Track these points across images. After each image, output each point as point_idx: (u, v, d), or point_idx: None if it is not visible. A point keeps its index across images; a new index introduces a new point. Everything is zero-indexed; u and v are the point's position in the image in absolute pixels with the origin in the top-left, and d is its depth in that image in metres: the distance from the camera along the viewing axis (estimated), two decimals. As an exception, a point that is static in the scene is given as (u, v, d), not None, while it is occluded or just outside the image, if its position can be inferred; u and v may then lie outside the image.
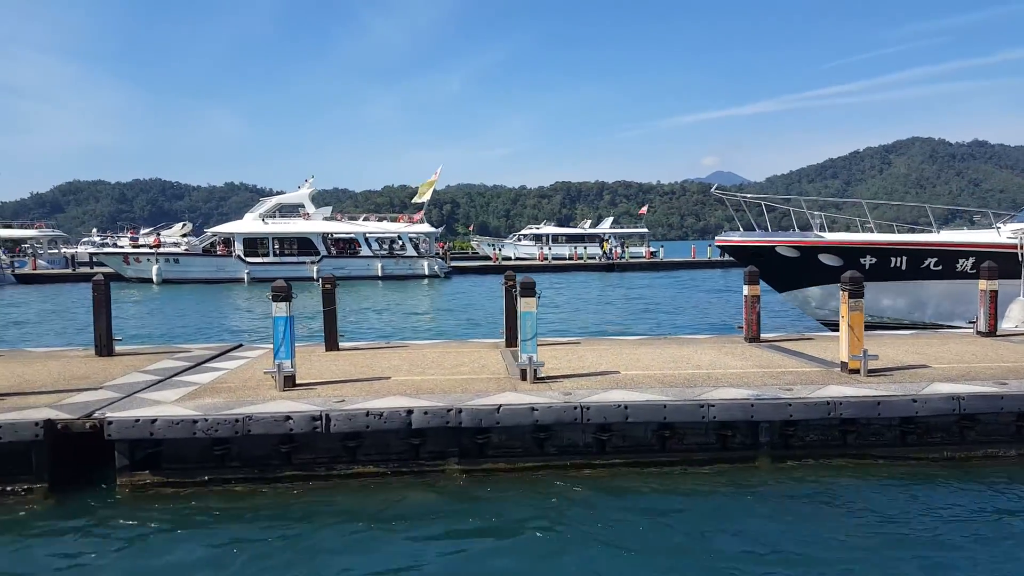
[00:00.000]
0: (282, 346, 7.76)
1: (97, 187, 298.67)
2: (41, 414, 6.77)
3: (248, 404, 7.07)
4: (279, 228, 40.40)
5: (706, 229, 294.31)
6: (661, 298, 29.39)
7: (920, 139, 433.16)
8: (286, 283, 7.86)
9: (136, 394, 7.62)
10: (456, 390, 7.57)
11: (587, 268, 46.71)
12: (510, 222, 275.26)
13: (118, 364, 9.51)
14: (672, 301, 28.04)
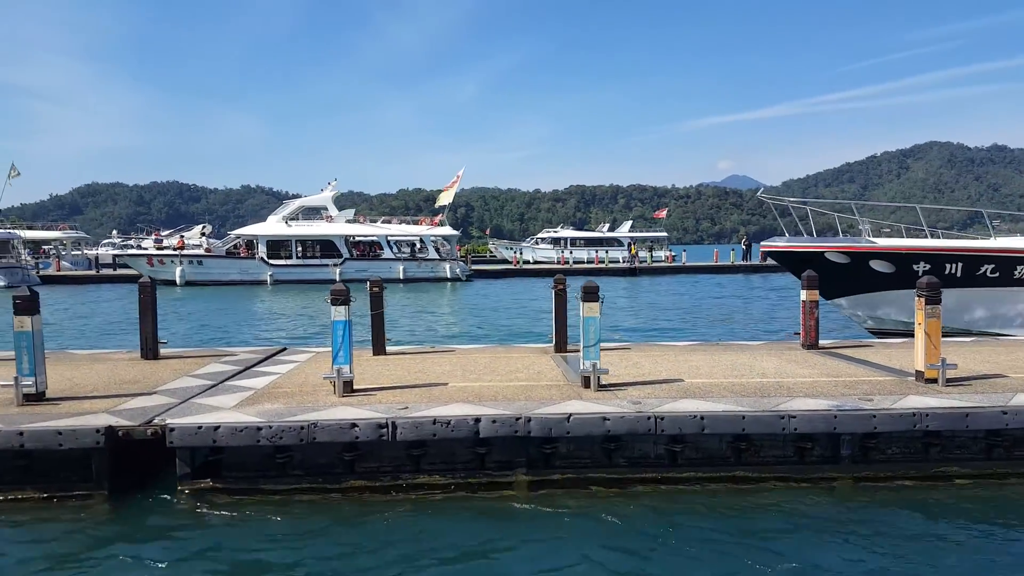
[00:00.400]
0: (340, 351, 7.57)
1: (115, 189, 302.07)
2: (100, 420, 6.61)
3: (310, 411, 6.87)
4: (302, 230, 40.43)
5: (721, 233, 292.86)
6: (693, 302, 29.00)
7: (938, 143, 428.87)
8: (345, 287, 7.67)
9: (192, 399, 7.45)
10: (518, 398, 7.34)
11: (609, 272, 46.36)
12: (524, 225, 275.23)
13: (166, 368, 9.36)
14: (707, 305, 27.65)
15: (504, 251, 69.26)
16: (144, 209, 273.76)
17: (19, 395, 7.24)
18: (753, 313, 24.83)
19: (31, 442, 6.30)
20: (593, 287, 7.66)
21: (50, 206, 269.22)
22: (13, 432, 6.30)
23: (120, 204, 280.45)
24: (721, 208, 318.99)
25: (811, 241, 14.90)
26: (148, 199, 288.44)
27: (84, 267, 49.77)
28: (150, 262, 38.86)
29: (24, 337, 7.30)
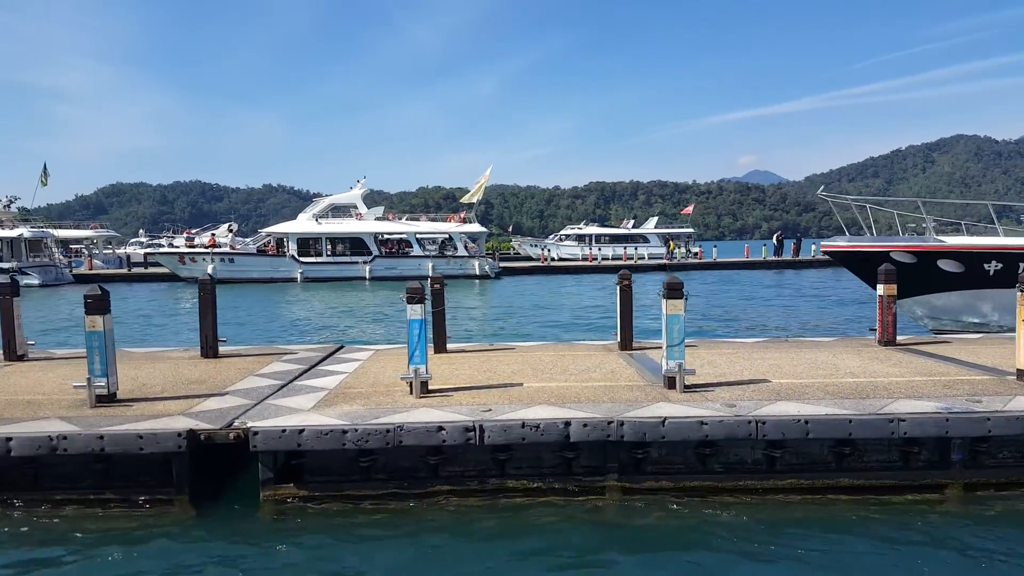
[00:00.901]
0: (416, 350, 7.33)
1: (139, 189, 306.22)
2: (180, 423, 6.43)
3: (391, 412, 6.64)
4: (332, 228, 40.44)
5: (744, 229, 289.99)
6: (741, 300, 28.48)
7: (965, 136, 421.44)
8: (419, 286, 7.43)
9: (266, 400, 7.26)
10: (602, 399, 7.04)
11: (641, 268, 45.86)
12: (543, 222, 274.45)
13: (229, 367, 9.20)
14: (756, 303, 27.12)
15: (528, 248, 68.93)
16: (168, 208, 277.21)
17: (92, 396, 7.10)
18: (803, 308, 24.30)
19: (111, 446, 6.13)
20: (677, 283, 7.34)
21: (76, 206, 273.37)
22: (93, 435, 6.14)
23: (144, 204, 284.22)
24: (743, 204, 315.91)
25: (876, 241, 14.40)
26: (171, 199, 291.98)
27: (115, 265, 50.29)
28: (182, 260, 39.09)
29: (96, 337, 7.15)
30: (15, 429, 6.26)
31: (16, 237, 40.78)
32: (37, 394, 7.71)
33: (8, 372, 9.04)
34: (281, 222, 43.72)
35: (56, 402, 7.31)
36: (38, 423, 6.47)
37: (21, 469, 6.31)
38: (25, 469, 6.31)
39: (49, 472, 6.38)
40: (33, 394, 7.71)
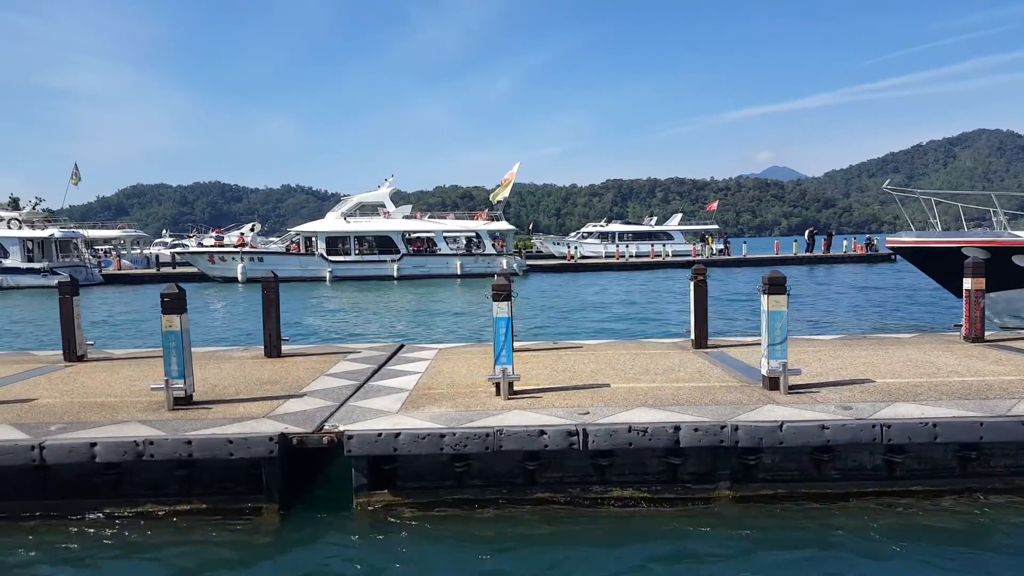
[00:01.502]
0: (503, 350, 7.00)
1: (159, 190, 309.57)
2: (269, 427, 6.15)
3: (484, 415, 6.32)
4: (360, 227, 40.31)
5: (763, 225, 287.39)
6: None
7: (987, 131, 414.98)
8: (508, 280, 7.10)
9: (348, 402, 6.97)
10: (701, 401, 6.68)
11: (671, 265, 45.34)
12: (560, 220, 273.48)
13: (296, 366, 8.93)
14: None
15: (551, 246, 68.48)
16: (188, 209, 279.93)
17: (170, 399, 6.85)
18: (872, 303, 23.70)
19: (200, 451, 5.87)
20: (780, 278, 6.95)
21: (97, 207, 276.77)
22: (181, 440, 5.87)
23: (165, 204, 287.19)
24: (762, 200, 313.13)
25: (946, 236, 13.83)
26: (191, 199, 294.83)
27: (143, 265, 50.58)
28: (211, 259, 39.16)
29: (173, 337, 6.90)
30: (98, 434, 6.02)
31: (47, 237, 41.05)
32: (108, 396, 7.48)
33: (72, 373, 8.85)
34: (300, 222, 43.72)
35: (130, 404, 7.08)
36: (119, 427, 6.22)
37: (103, 475, 6.06)
38: (107, 475, 6.07)
39: (131, 478, 6.13)
40: (104, 396, 7.48)
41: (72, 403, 7.15)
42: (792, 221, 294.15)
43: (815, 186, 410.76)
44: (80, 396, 7.47)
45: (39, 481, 6.12)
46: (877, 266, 45.05)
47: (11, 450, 5.80)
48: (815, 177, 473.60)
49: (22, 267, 39.89)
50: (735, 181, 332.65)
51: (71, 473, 6.06)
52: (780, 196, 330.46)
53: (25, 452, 5.80)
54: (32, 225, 42.11)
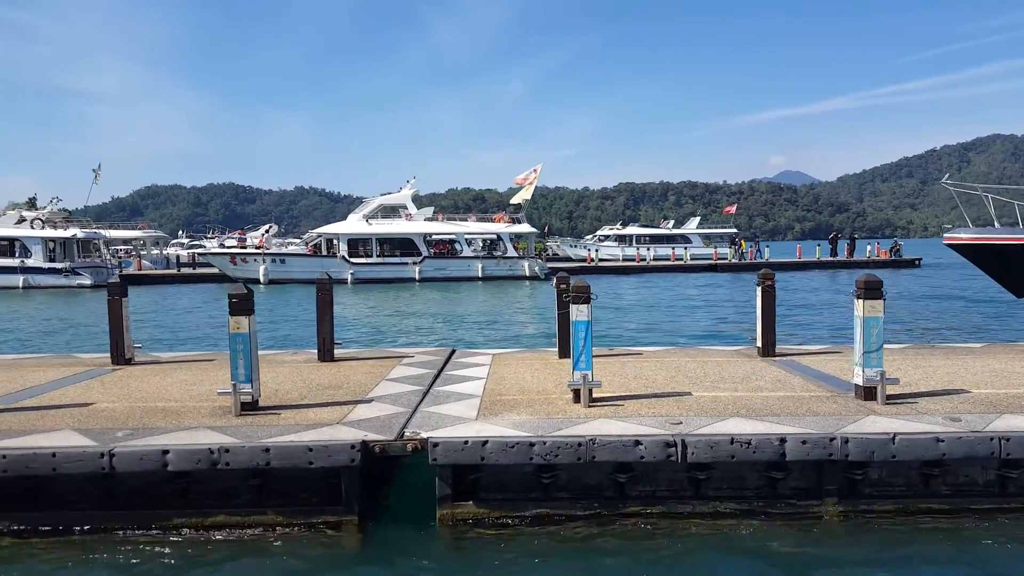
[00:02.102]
0: (582, 355, 6.68)
1: (174, 191, 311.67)
2: (344, 433, 5.86)
3: (570, 423, 6.00)
4: (382, 229, 40.12)
5: (776, 229, 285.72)
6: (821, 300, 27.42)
7: (1002, 136, 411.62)
8: (585, 284, 6.78)
9: (421, 408, 6.67)
10: (796, 412, 6.33)
11: (692, 269, 44.90)
12: (572, 223, 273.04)
13: (354, 370, 8.65)
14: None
15: (568, 249, 68.14)
16: (202, 210, 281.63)
17: (237, 404, 6.58)
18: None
19: (278, 459, 5.58)
20: (876, 282, 6.60)
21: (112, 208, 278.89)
22: (258, 448, 5.59)
23: (179, 205, 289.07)
24: (775, 204, 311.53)
25: (1010, 232, 13.38)
26: (205, 200, 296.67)
27: (162, 266, 50.67)
28: (233, 260, 39.09)
29: (240, 340, 6.63)
30: (168, 440, 5.75)
31: (69, 238, 41.15)
32: (168, 400, 7.22)
33: (123, 377, 8.60)
34: (313, 223, 43.60)
35: (193, 409, 6.81)
36: (189, 433, 5.95)
37: (173, 484, 5.79)
38: (176, 484, 5.79)
39: (201, 488, 5.85)
40: (164, 400, 7.22)
41: (133, 408, 6.89)
42: (805, 225, 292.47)
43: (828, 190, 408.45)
44: (139, 400, 7.22)
45: (104, 490, 5.85)
46: (902, 271, 44.41)
47: (79, 457, 5.54)
48: (828, 181, 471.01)
49: (44, 267, 40.00)
50: (748, 185, 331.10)
51: (139, 481, 5.79)
52: (793, 200, 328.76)
53: (94, 459, 5.54)
54: (54, 225, 42.23)
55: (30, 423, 6.33)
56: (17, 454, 5.52)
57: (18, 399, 7.37)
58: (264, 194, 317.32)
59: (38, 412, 6.74)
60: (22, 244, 40.43)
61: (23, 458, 5.51)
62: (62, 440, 5.78)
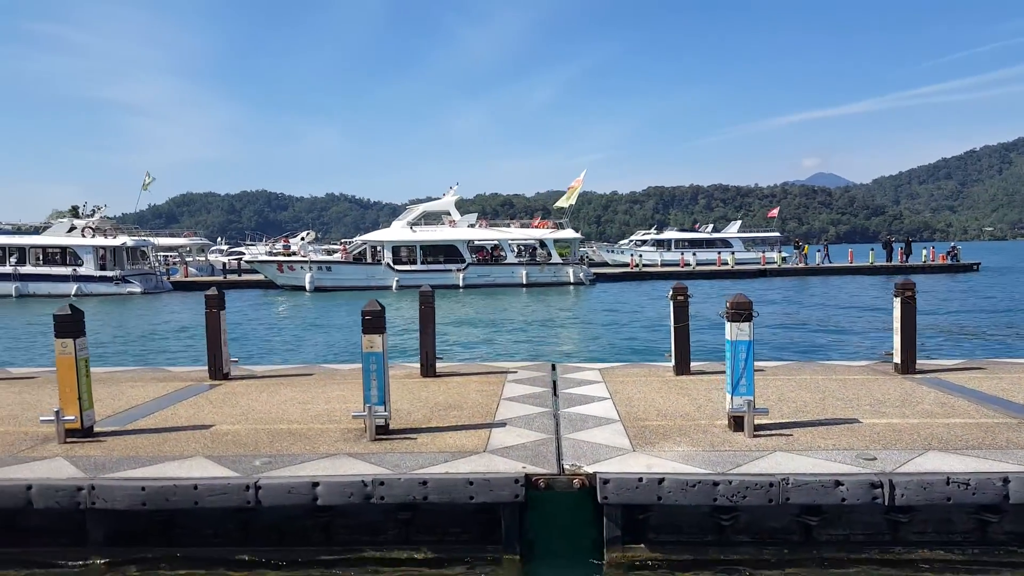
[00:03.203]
0: (743, 378, 6.10)
1: (208, 199, 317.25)
2: (498, 464, 5.36)
3: (745, 458, 5.42)
4: (426, 236, 39.86)
5: (810, 233, 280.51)
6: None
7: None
8: (747, 300, 6.20)
9: (565, 435, 6.15)
10: (995, 443, 5.67)
11: (740, 275, 43.83)
12: (600, 228, 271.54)
13: (464, 387, 8.17)
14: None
15: (604, 254, 67.37)
16: (235, 217, 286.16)
17: (372, 428, 6.13)
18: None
19: (436, 493, 5.10)
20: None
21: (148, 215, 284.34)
22: (415, 481, 5.12)
23: (213, 213, 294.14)
24: (809, 207, 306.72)
25: None
26: (239, 208, 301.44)
27: (207, 272, 51.08)
28: (280, 268, 39.12)
29: (374, 359, 6.18)
30: (314, 471, 5.31)
31: (119, 246, 41.59)
32: (290, 422, 6.80)
33: (228, 394, 8.23)
34: (343, 230, 43.57)
35: (321, 433, 6.38)
36: (331, 462, 5.50)
37: (316, 518, 5.35)
38: (320, 518, 5.35)
39: (345, 522, 5.41)
40: (286, 422, 6.81)
41: (256, 431, 6.48)
42: (840, 229, 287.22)
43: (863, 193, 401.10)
44: (259, 422, 6.81)
45: (240, 524, 5.43)
46: (960, 276, 42.87)
47: (223, 489, 5.12)
48: (863, 184, 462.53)
49: (95, 275, 40.44)
50: (780, 188, 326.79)
51: (279, 515, 5.36)
52: (827, 203, 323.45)
53: (238, 492, 5.11)
54: (104, 233, 42.75)
55: (155, 448, 5.95)
56: (157, 486, 5.12)
57: (131, 419, 7.03)
58: (296, 201, 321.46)
59: (159, 435, 6.37)
60: (73, 252, 40.97)
61: (163, 491, 5.11)
62: (198, 469, 5.38)
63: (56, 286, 40.01)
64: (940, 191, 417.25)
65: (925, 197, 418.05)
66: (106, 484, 5.14)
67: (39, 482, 5.17)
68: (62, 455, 5.79)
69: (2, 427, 6.78)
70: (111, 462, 5.59)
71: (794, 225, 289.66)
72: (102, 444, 6.12)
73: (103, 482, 5.16)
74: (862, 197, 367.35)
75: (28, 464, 5.57)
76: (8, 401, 7.96)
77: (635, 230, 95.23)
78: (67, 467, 5.47)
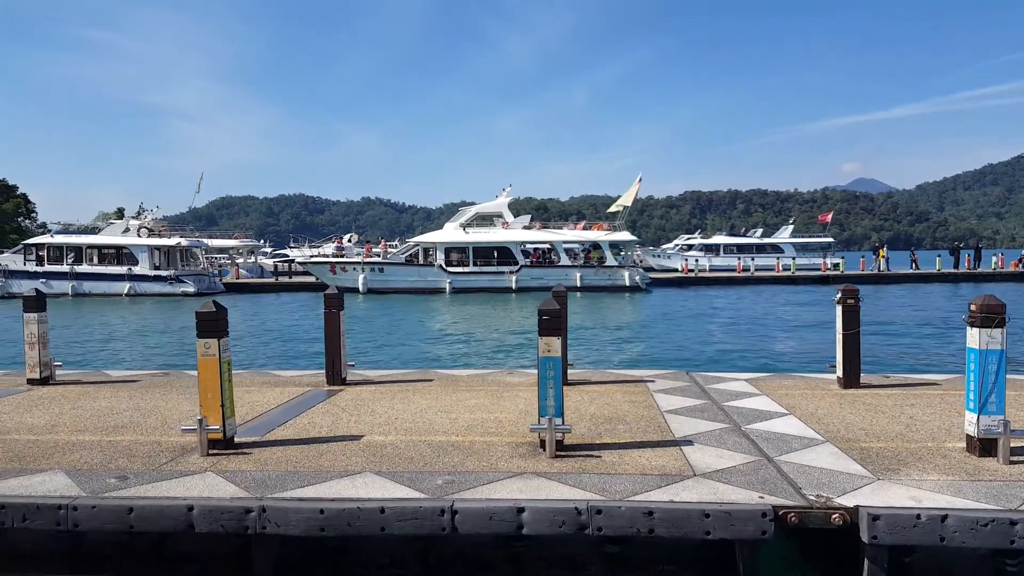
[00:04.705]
0: (992, 394, 5.19)
1: (247, 202, 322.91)
2: (724, 492, 4.54)
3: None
4: (479, 237, 39.24)
5: (851, 239, 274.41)
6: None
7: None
8: (999, 302, 5.29)
9: (774, 457, 5.30)
10: None
11: (803, 281, 42.32)
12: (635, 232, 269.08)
13: (607, 397, 7.37)
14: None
15: (651, 258, 66.08)
16: (273, 220, 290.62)
17: (552, 443, 5.36)
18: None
19: (664, 526, 4.30)
20: None
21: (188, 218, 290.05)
22: (639, 511, 4.33)
23: (252, 215, 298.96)
24: (850, 213, 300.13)
25: None
26: (277, 211, 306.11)
27: (256, 274, 51.26)
28: (332, 269, 38.86)
29: (552, 365, 5.43)
30: (511, 493, 4.55)
31: (173, 246, 41.85)
32: (447, 433, 6.08)
33: (356, 400, 7.56)
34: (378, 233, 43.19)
35: (489, 447, 5.64)
36: (519, 481, 4.75)
37: (509, 547, 4.60)
38: (514, 547, 4.60)
39: (540, 553, 4.65)
40: (442, 433, 6.08)
41: (414, 443, 5.77)
42: (883, 235, 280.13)
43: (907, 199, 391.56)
44: (409, 433, 6.10)
45: (421, 553, 4.72)
46: (1032, 284, 40.74)
47: (415, 513, 4.39)
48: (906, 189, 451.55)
49: (150, 275, 40.73)
50: (821, 193, 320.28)
51: (469, 544, 4.63)
52: (870, 209, 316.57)
53: (432, 517, 4.38)
54: (159, 234, 43.09)
55: (312, 462, 5.27)
56: (338, 509, 4.41)
57: (266, 428, 6.39)
58: (332, 204, 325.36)
59: (308, 448, 5.69)
60: (128, 252, 41.32)
61: (345, 514, 4.40)
62: (375, 488, 4.67)
63: (111, 285, 40.39)
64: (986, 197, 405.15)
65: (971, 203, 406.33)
66: (279, 506, 4.45)
67: (202, 503, 4.51)
68: (211, 470, 5.15)
69: (129, 436, 6.18)
70: (271, 479, 4.92)
71: (836, 231, 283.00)
72: (249, 457, 5.47)
73: (275, 503, 4.47)
74: (905, 203, 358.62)
75: (178, 480, 4.92)
76: (122, 407, 7.40)
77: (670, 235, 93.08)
78: (225, 484, 4.81)
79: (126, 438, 6.09)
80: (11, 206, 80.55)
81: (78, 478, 4.99)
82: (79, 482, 4.91)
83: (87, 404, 7.53)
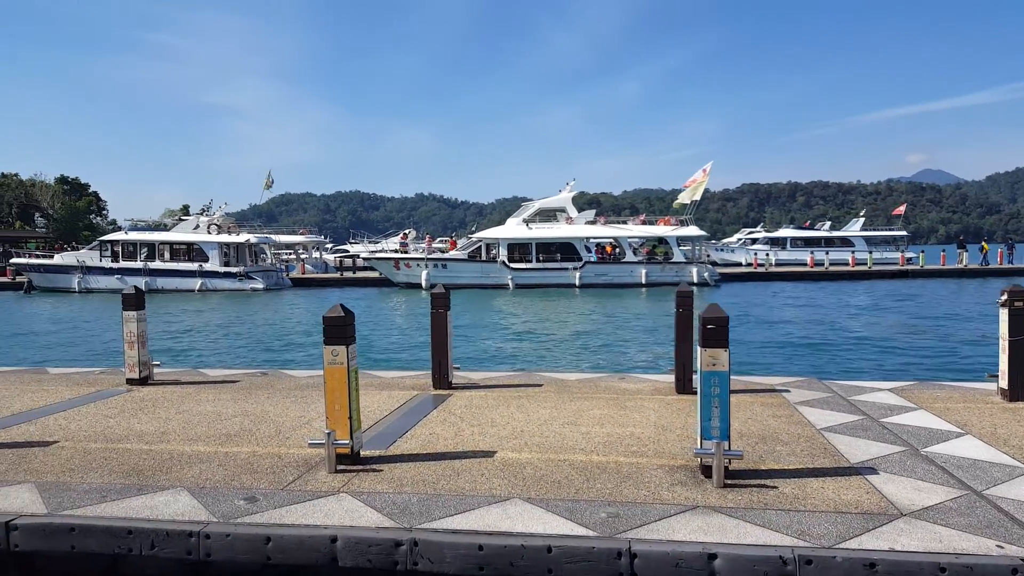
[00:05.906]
0: None
1: (305, 199, 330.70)
2: (947, 538, 3.82)
3: None
4: (542, 233, 38.67)
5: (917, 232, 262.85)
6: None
7: None
8: None
9: (989, 491, 4.54)
10: None
11: (879, 276, 40.28)
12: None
13: (743, 409, 6.68)
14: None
15: (714, 252, 64.21)
16: (330, 217, 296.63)
17: (719, 471, 4.72)
18: None
19: (886, 570, 3.63)
20: None
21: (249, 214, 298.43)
22: (857, 562, 3.66)
23: (310, 212, 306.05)
24: (916, 205, 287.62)
25: None
26: (333, 207, 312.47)
27: (321, 270, 51.95)
28: (396, 265, 38.94)
29: (717, 380, 4.78)
30: (692, 533, 3.95)
31: (242, 243, 42.65)
32: (584, 452, 5.51)
33: (469, 407, 7.07)
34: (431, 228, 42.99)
35: (639, 469, 5.04)
36: (703, 520, 4.13)
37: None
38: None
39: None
40: (581, 452, 5.52)
41: (553, 462, 5.23)
42: (951, 228, 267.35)
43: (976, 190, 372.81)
44: (544, 450, 5.56)
45: (581, 593, 4.15)
46: None
47: (587, 556, 3.83)
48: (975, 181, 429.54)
49: (220, 271, 41.62)
50: (885, 185, 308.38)
51: (639, 588, 4.04)
52: (937, 201, 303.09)
53: (608, 561, 3.81)
54: (227, 231, 43.97)
55: (449, 483, 4.78)
56: (499, 545, 3.89)
57: (387, 439, 5.94)
58: (387, 201, 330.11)
59: (439, 465, 5.21)
60: (199, 249, 42.29)
61: (508, 553, 3.87)
62: (532, 520, 4.14)
63: (183, 281, 41.45)
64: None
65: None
66: (433, 539, 3.96)
67: (346, 533, 4.05)
68: (344, 491, 4.70)
69: (246, 447, 5.83)
70: (412, 504, 4.44)
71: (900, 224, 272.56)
72: (381, 475, 5.01)
73: (428, 536, 3.98)
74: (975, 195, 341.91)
75: (312, 503, 4.49)
76: (229, 411, 7.10)
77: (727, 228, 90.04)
78: (365, 510, 4.35)
79: (243, 449, 5.73)
80: (84, 203, 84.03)
81: (204, 498, 4.62)
82: (206, 503, 4.53)
83: (192, 408, 7.27)
